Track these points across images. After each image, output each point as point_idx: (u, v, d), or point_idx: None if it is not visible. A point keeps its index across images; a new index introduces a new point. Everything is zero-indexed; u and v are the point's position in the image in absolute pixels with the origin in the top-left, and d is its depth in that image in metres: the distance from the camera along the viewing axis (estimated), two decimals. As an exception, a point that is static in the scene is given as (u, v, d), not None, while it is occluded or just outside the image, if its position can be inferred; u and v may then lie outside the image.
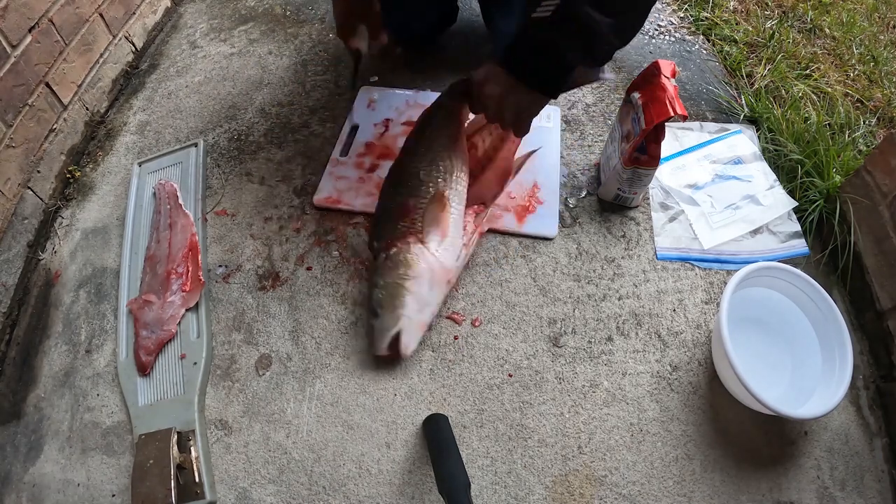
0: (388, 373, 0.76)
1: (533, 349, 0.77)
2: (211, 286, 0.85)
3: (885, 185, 0.75)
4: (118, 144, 1.07)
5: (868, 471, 0.68)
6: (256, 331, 0.81)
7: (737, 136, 0.97)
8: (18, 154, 0.91)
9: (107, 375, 0.79)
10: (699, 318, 0.79)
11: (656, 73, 0.77)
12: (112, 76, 1.15)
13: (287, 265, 0.87)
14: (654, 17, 1.22)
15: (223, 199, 0.95)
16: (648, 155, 0.79)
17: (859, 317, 0.79)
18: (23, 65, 0.90)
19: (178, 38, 1.27)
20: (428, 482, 0.68)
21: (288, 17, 1.28)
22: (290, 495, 0.68)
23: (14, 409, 0.78)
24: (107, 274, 0.89)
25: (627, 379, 0.74)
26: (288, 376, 0.77)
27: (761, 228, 0.87)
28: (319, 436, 0.72)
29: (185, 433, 0.71)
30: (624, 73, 1.09)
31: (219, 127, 1.06)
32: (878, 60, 1.12)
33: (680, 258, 0.85)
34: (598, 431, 0.71)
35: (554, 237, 0.86)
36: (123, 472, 0.71)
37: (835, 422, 0.71)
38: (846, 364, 0.65)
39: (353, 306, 0.82)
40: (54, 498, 0.70)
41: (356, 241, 0.88)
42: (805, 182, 0.88)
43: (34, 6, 0.91)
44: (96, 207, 0.98)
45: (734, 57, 1.11)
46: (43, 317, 0.86)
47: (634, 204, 0.89)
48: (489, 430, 0.71)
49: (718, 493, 0.67)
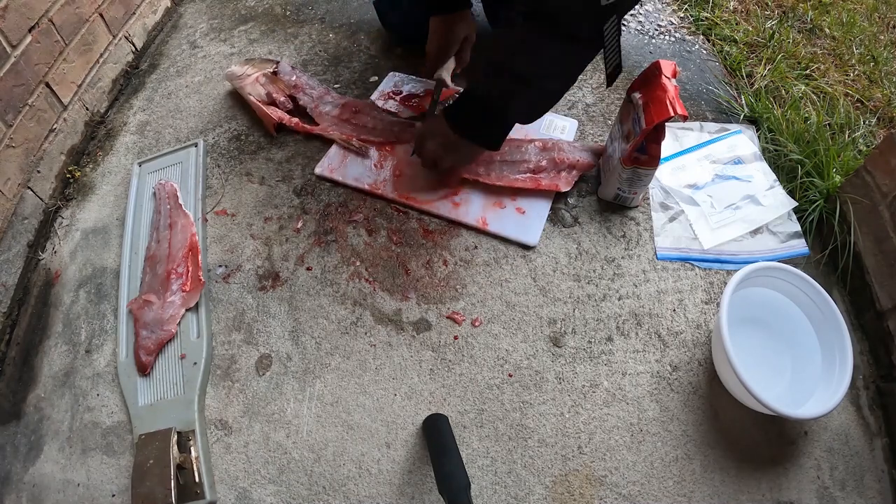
0: (388, 373, 0.76)
1: (533, 349, 0.77)
2: (211, 286, 0.85)
3: (885, 185, 0.75)
4: (118, 144, 1.07)
5: (868, 471, 0.68)
6: (256, 331, 0.81)
7: (737, 136, 0.97)
8: (18, 154, 0.91)
9: (107, 375, 0.79)
10: (699, 318, 0.79)
11: (657, 73, 0.77)
12: (112, 76, 1.15)
13: (287, 265, 0.87)
14: (654, 17, 1.22)
15: (223, 199, 0.95)
16: (648, 155, 0.79)
17: (859, 317, 0.79)
18: (23, 65, 0.90)
19: (178, 38, 1.27)
20: (428, 482, 0.68)
21: (288, 17, 1.28)
22: (290, 495, 0.68)
23: (14, 409, 0.78)
24: (107, 274, 0.89)
25: (627, 379, 0.74)
26: (288, 376, 0.77)
27: (761, 228, 0.87)
28: (319, 436, 0.72)
29: (185, 433, 0.71)
30: (624, 73, 1.09)
31: (219, 127, 1.06)
32: (878, 60, 1.12)
33: (680, 258, 0.84)
34: (598, 431, 0.71)
35: (534, 246, 0.85)
36: (123, 472, 0.71)
37: (835, 422, 0.71)
38: (846, 364, 0.65)
39: (353, 306, 0.82)
40: (54, 498, 0.70)
41: (356, 241, 0.88)
42: (805, 182, 0.88)
43: (34, 6, 0.91)
44: (96, 207, 0.98)
45: (734, 57, 1.11)
46: (43, 317, 0.86)
47: (634, 204, 0.89)
48: (489, 430, 0.71)
49: (718, 493, 0.67)
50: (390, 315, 0.81)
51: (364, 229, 0.89)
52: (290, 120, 1.01)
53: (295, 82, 1.04)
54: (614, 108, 1.03)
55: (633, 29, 1.19)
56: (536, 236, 0.86)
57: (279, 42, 1.21)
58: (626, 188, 0.85)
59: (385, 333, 0.79)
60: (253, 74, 1.05)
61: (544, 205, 0.89)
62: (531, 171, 0.90)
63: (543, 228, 0.87)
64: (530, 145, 0.92)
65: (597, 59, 0.74)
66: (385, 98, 1.05)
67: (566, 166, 0.90)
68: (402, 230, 0.89)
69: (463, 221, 0.88)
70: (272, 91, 1.03)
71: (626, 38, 1.17)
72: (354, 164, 0.96)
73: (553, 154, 0.90)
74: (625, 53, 1.13)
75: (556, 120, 1.00)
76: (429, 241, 0.87)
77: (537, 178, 0.89)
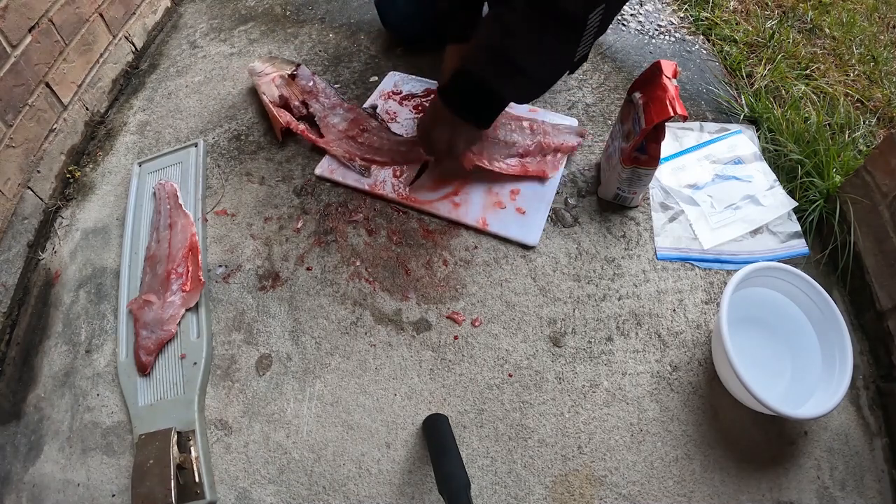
0: (388, 373, 0.76)
1: (533, 349, 0.77)
2: (211, 286, 0.85)
3: (885, 185, 0.75)
4: (118, 144, 1.07)
5: (868, 471, 0.68)
6: (256, 331, 0.81)
7: (737, 136, 0.97)
8: (18, 154, 0.91)
9: (107, 375, 0.79)
10: (699, 318, 0.79)
11: (658, 73, 0.77)
12: (112, 76, 1.15)
13: (287, 265, 0.86)
14: (654, 17, 1.22)
15: (223, 199, 0.95)
16: (648, 155, 0.79)
17: (859, 317, 0.79)
18: (23, 65, 0.90)
19: (178, 38, 1.27)
20: (428, 482, 0.68)
21: (288, 17, 1.28)
22: (290, 495, 0.68)
23: (14, 409, 0.78)
24: (107, 274, 0.89)
25: (627, 379, 0.74)
26: (288, 376, 0.77)
27: (761, 228, 0.87)
28: (319, 436, 0.72)
29: (185, 433, 0.71)
30: (624, 73, 1.09)
31: (219, 127, 1.06)
32: (878, 60, 1.12)
33: (680, 258, 0.84)
34: (598, 431, 0.71)
35: (534, 246, 0.85)
36: (123, 472, 0.71)
37: (835, 422, 0.71)
38: (846, 364, 0.65)
39: (353, 306, 0.82)
40: (54, 498, 0.70)
41: (356, 241, 0.88)
42: (805, 182, 0.88)
43: (34, 6, 0.91)
44: (96, 207, 0.98)
45: (734, 57, 1.11)
46: (43, 317, 0.86)
47: (634, 204, 0.89)
48: (489, 430, 0.71)
49: (718, 493, 0.67)
50: (390, 315, 0.81)
51: (364, 229, 0.89)
52: (296, 126, 0.99)
53: (311, 88, 1.03)
54: (614, 108, 1.03)
55: (633, 29, 1.19)
56: (536, 236, 0.86)
57: (279, 42, 1.21)
58: (626, 188, 0.85)
59: (385, 333, 0.79)
60: (271, 74, 1.04)
61: (544, 205, 0.89)
62: (520, 156, 0.92)
63: (543, 228, 0.87)
64: (518, 126, 0.93)
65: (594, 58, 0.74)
66: (385, 98, 1.05)
67: (551, 150, 0.93)
68: (402, 230, 0.89)
69: (463, 221, 0.88)
70: (285, 93, 1.02)
71: (626, 38, 1.17)
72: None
73: (539, 138, 0.92)
74: (625, 53, 1.13)
75: (556, 119, 1.00)
76: (429, 241, 0.87)
77: (525, 165, 0.91)
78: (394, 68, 1.11)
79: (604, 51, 1.13)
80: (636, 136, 0.78)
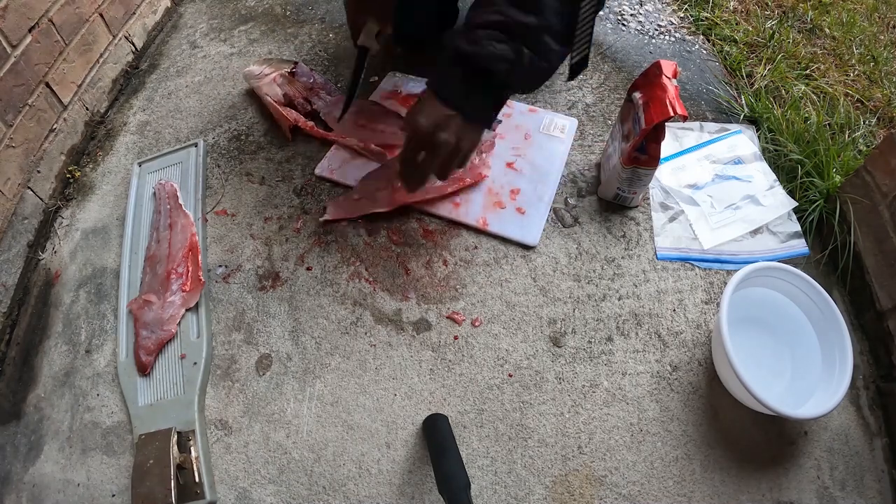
0: (388, 373, 0.76)
1: (533, 349, 0.77)
2: (211, 286, 0.85)
3: (885, 185, 0.75)
4: (118, 144, 1.07)
5: (868, 471, 0.68)
6: (256, 331, 0.81)
7: (737, 136, 0.97)
8: (18, 154, 0.91)
9: (107, 375, 0.79)
10: (699, 318, 0.79)
11: (658, 73, 0.77)
12: (112, 76, 1.15)
13: (287, 265, 0.87)
14: (654, 17, 1.22)
15: (223, 199, 0.95)
16: (648, 155, 0.79)
17: (859, 317, 0.79)
18: (23, 65, 0.90)
19: (178, 38, 1.27)
20: (428, 482, 0.68)
21: (288, 17, 1.28)
22: (290, 495, 0.68)
23: (14, 409, 0.78)
24: (107, 274, 0.89)
25: (627, 379, 0.74)
26: (288, 376, 0.77)
27: (761, 228, 0.87)
28: (319, 436, 0.72)
29: (185, 433, 0.71)
30: (624, 73, 1.09)
31: (219, 127, 1.06)
32: (878, 60, 1.12)
33: (680, 258, 0.84)
34: (598, 431, 0.71)
35: (534, 246, 0.85)
36: (123, 472, 0.71)
37: (835, 422, 0.71)
38: (846, 364, 0.65)
39: (353, 306, 0.82)
40: (54, 498, 0.70)
41: (356, 241, 0.88)
42: (805, 182, 0.88)
43: (34, 6, 0.91)
44: (96, 207, 0.98)
45: (734, 57, 1.11)
46: (43, 317, 0.86)
47: (634, 204, 0.89)
48: (489, 430, 0.71)
49: (718, 493, 0.67)
50: (390, 315, 0.81)
51: (364, 229, 0.89)
52: (305, 123, 0.99)
53: (311, 85, 1.03)
54: (614, 108, 1.03)
55: (633, 29, 1.19)
56: (536, 236, 0.86)
57: (279, 42, 1.21)
58: (626, 188, 0.85)
59: (385, 333, 0.79)
60: (270, 74, 1.04)
61: (544, 205, 0.89)
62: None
63: (543, 228, 0.87)
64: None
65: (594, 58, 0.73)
66: (385, 98, 1.05)
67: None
68: (402, 230, 0.89)
69: (463, 221, 0.88)
70: (289, 92, 1.02)
71: (626, 38, 1.17)
72: (354, 165, 0.96)
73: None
74: (625, 53, 1.13)
75: (556, 119, 1.00)
76: (429, 241, 0.87)
77: (459, 175, 0.89)
78: (394, 68, 1.11)
79: (604, 51, 1.13)
80: (636, 136, 0.78)
